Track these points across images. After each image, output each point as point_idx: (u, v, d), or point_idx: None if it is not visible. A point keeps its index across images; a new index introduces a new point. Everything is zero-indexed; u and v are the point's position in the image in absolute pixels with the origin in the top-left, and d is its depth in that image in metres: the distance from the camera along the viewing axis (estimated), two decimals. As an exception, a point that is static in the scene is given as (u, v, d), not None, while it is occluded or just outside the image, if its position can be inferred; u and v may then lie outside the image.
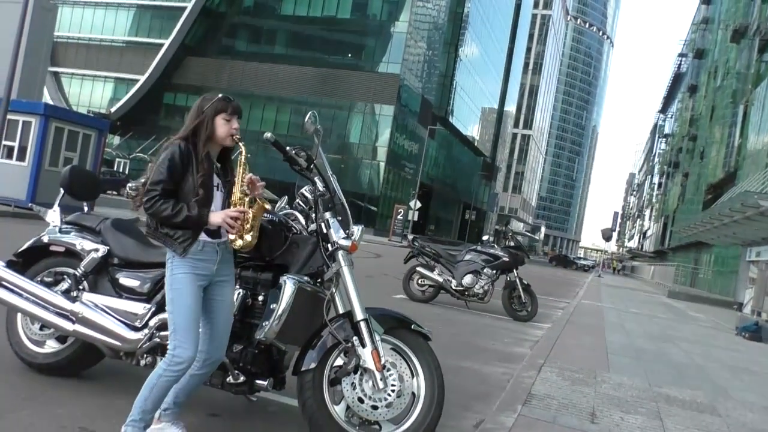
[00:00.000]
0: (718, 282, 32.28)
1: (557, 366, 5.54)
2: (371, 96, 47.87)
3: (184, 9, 51.42)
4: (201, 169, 2.59)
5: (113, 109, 51.99)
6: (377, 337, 2.92)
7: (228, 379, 2.98)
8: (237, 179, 2.68)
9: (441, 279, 9.64)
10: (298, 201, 3.43)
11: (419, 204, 42.06)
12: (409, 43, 48.90)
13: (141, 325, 3.14)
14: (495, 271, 9.60)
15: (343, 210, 3.12)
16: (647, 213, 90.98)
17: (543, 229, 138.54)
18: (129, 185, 26.83)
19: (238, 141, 2.69)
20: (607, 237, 46.77)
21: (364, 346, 2.89)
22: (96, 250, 3.44)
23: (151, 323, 3.10)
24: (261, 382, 3.01)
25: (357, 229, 3.12)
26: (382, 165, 48.01)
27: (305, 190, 3.35)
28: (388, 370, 2.93)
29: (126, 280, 3.34)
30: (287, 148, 3.04)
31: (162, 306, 2.95)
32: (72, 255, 3.52)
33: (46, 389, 3.28)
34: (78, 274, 3.43)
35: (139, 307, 3.20)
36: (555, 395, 4.43)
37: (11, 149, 14.84)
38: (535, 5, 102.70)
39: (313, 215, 3.15)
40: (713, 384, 6.02)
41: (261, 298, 3.04)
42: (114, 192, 32.61)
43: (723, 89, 40.72)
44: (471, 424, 3.83)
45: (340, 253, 2.99)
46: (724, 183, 35.63)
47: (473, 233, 66.09)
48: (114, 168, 45.00)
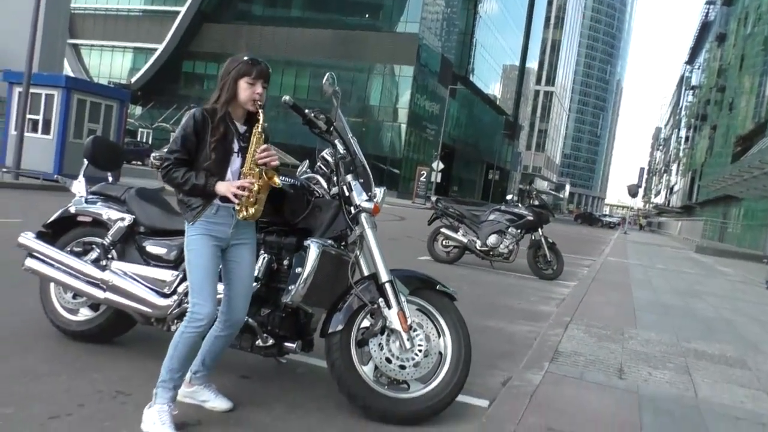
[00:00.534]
0: (747, 236, 31.74)
1: (584, 323, 5.53)
2: (390, 57, 47.23)
3: (198, -25, 50.86)
4: (215, 133, 2.57)
5: (133, 80, 52.17)
6: (403, 298, 2.93)
7: (257, 343, 3.03)
8: (250, 149, 2.63)
9: (465, 240, 9.62)
10: (319, 164, 3.42)
11: (442, 165, 41.76)
12: (427, 1, 47.90)
13: (170, 292, 3.20)
14: (519, 231, 9.55)
15: (365, 172, 3.10)
16: (674, 168, 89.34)
17: (567, 187, 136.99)
18: (153, 155, 27.00)
19: (258, 108, 2.63)
20: (633, 193, 46.09)
21: (390, 307, 2.90)
22: (122, 219, 3.49)
23: (180, 289, 3.15)
24: (289, 344, 3.05)
25: (379, 191, 3.11)
26: (403, 127, 47.64)
27: (326, 153, 3.33)
28: (414, 330, 2.95)
29: (153, 247, 3.38)
30: (306, 111, 3.01)
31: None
32: (99, 225, 3.57)
33: (81, 355, 3.37)
34: (106, 243, 3.49)
35: (167, 274, 3.25)
36: (582, 352, 4.43)
37: (36, 123, 15.02)
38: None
39: (335, 178, 3.13)
40: (742, 338, 5.97)
41: (286, 262, 3.06)
42: (138, 162, 32.91)
43: (753, 37, 39.28)
44: (498, 381, 3.86)
45: (363, 216, 2.98)
46: (753, 135, 34.69)
47: (497, 193, 65.63)
48: (137, 138, 45.32)
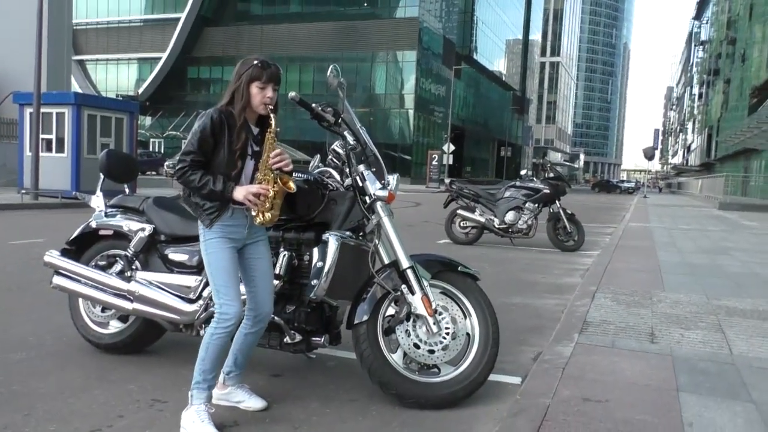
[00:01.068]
0: (770, 188, 31.21)
1: (611, 291, 5.49)
2: (392, 44, 46.96)
3: (195, -21, 50.88)
4: (238, 140, 2.57)
5: (140, 90, 52.45)
6: (425, 283, 2.93)
7: (285, 340, 3.05)
8: (264, 154, 2.62)
9: (483, 219, 9.59)
10: (330, 158, 3.42)
11: (453, 147, 41.57)
12: (425, -17, 47.48)
13: (195, 297, 3.23)
14: (537, 205, 9.49)
15: (377, 161, 3.09)
16: (689, 126, 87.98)
17: (582, 157, 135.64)
18: (167, 163, 27.24)
19: (270, 112, 2.61)
20: (649, 156, 45.57)
21: (413, 293, 2.90)
22: (142, 229, 3.52)
23: (205, 293, 3.18)
24: (317, 339, 3.07)
25: (392, 179, 3.10)
26: (410, 112, 47.43)
27: (336, 145, 3.33)
28: (440, 313, 2.95)
29: (175, 255, 3.42)
30: (313, 105, 3.00)
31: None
32: (121, 237, 3.62)
33: (115, 367, 3.42)
34: (129, 254, 3.53)
35: (191, 280, 3.28)
36: (611, 320, 4.40)
37: (49, 142, 15.20)
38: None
39: (347, 170, 3.13)
40: (774, 292, 5.89)
41: (306, 257, 3.07)
42: (153, 172, 33.21)
43: (761, -16, 38.38)
44: (529, 357, 3.85)
45: (378, 205, 2.98)
46: (769, 84, 33.99)
47: (510, 169, 65.21)
48: (150, 149, 45.67)
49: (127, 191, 3.94)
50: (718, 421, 2.64)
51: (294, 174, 3.15)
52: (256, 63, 2.58)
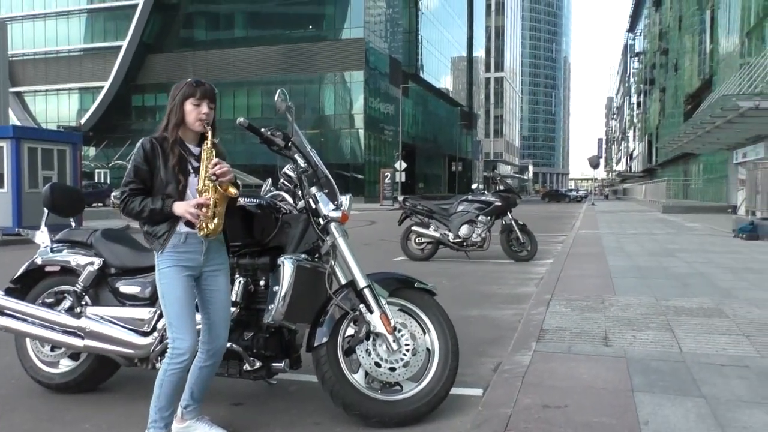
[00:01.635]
0: (709, 189, 32.61)
1: (564, 298, 5.62)
2: (339, 64, 47.24)
3: (135, 6, 50.12)
4: (171, 158, 2.58)
5: (83, 121, 51.06)
6: (383, 301, 2.95)
7: (245, 367, 3.01)
8: (201, 166, 2.61)
9: (438, 234, 9.69)
10: (282, 181, 3.42)
11: (405, 164, 41.92)
12: (368, 5, 48.05)
13: (149, 330, 3.16)
14: (489, 217, 9.65)
15: (328, 182, 3.11)
16: (631, 134, 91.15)
17: (531, 168, 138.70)
18: (113, 194, 26.65)
19: (205, 126, 2.62)
20: (595, 164, 46.95)
21: (371, 312, 2.91)
22: (91, 263, 3.43)
23: (159, 326, 3.11)
24: (277, 364, 3.04)
25: (345, 199, 3.12)
26: (361, 132, 47.67)
27: (288, 168, 3.34)
28: (399, 331, 2.97)
29: (126, 287, 3.34)
30: (262, 129, 3.01)
31: (167, 308, 2.96)
32: (69, 272, 3.51)
33: (68, 407, 3.31)
34: (78, 290, 3.43)
35: (145, 312, 3.21)
36: (567, 326, 4.50)
37: (-12, 178, 14.63)
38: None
39: (300, 192, 3.13)
40: (718, 288, 6.14)
41: (262, 282, 3.05)
42: (100, 203, 32.32)
43: (687, -2, 40.35)
44: (489, 368, 3.90)
45: (332, 226, 2.99)
46: (701, 91, 35.66)
47: (462, 184, 66.11)
48: (95, 180, 44.49)
49: (74, 225, 3.83)
50: (671, 419, 2.73)
51: (246, 199, 3.14)
52: (189, 81, 2.63)
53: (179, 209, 2.53)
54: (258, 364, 3.01)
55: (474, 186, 10.57)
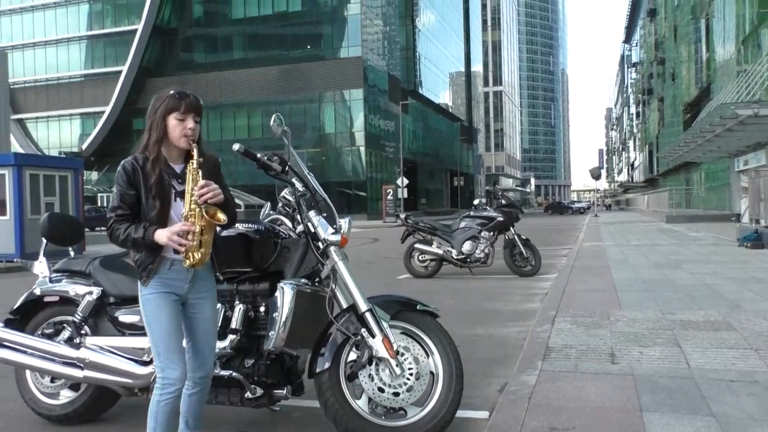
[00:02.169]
0: (712, 198, 32.52)
1: (570, 314, 5.56)
2: (338, 83, 47.51)
3: (135, 32, 50.62)
4: (150, 178, 2.39)
5: (84, 146, 51.44)
6: (385, 325, 2.90)
7: (246, 395, 2.97)
8: (187, 188, 2.40)
9: (441, 251, 9.65)
10: (281, 205, 3.40)
11: (406, 181, 41.98)
12: (365, 24, 48.45)
13: (149, 359, 3.11)
14: (492, 233, 9.61)
15: (327, 206, 3.08)
16: (631, 144, 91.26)
17: (533, 181, 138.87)
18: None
19: (191, 143, 2.41)
20: (596, 176, 46.96)
21: (373, 336, 2.87)
22: (90, 293, 3.41)
23: (159, 355, 3.07)
24: (279, 391, 3.00)
25: (344, 222, 3.09)
26: (362, 149, 47.82)
27: (286, 192, 3.31)
28: (402, 354, 2.92)
29: (125, 316, 3.31)
30: (258, 155, 2.99)
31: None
32: (68, 302, 3.48)
33: (69, 440, 3.26)
34: (77, 320, 3.40)
35: (144, 341, 3.16)
36: (572, 344, 4.44)
37: (-10, 205, 14.66)
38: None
39: (299, 217, 3.11)
40: (724, 300, 6.07)
41: (263, 309, 3.02)
42: (103, 227, 32.36)
43: (681, 7, 40.62)
44: (495, 389, 3.84)
45: (332, 249, 2.96)
46: (699, 99, 35.75)
47: (464, 198, 66.14)
48: (98, 204, 44.61)
49: (72, 254, 3.81)
50: (682, 438, 2.67)
51: (245, 224, 3.12)
52: (172, 93, 2.42)
53: (161, 237, 2.33)
54: (260, 391, 2.97)
55: (476, 201, 10.54)
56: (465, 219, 9.86)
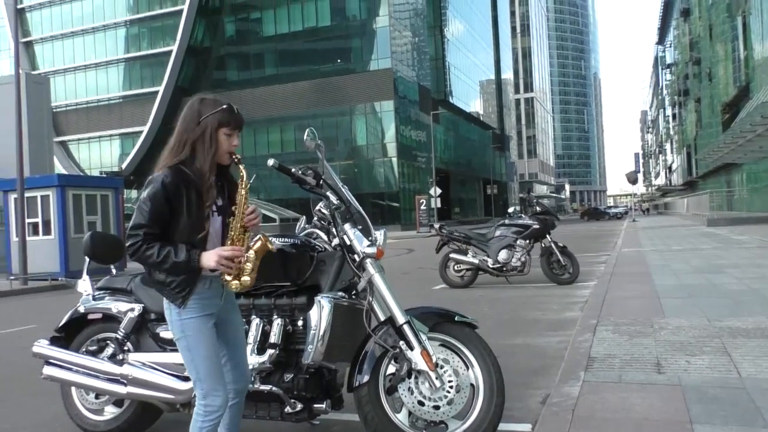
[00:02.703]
0: (755, 199, 31.56)
1: (611, 322, 5.44)
2: (369, 95, 47.79)
3: (170, 53, 51.92)
4: (208, 198, 2.27)
5: (124, 165, 52.78)
6: (423, 337, 2.87)
7: (286, 410, 2.97)
8: (238, 211, 2.32)
9: (476, 260, 9.56)
10: (316, 219, 3.41)
11: (439, 190, 41.89)
12: (394, 35, 48.69)
13: (191, 375, 3.15)
14: (528, 241, 9.49)
15: (362, 218, 3.08)
16: (668, 147, 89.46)
17: (567, 187, 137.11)
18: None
19: (237, 162, 2.35)
20: (633, 180, 46.15)
21: (412, 348, 2.84)
22: (132, 309, 3.46)
23: (200, 370, 3.09)
24: (319, 405, 2.99)
25: (380, 234, 3.08)
26: (394, 160, 47.91)
27: (321, 206, 3.33)
28: (441, 367, 2.88)
29: (166, 332, 3.34)
30: (292, 170, 3.01)
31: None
32: (110, 319, 3.55)
33: (114, 456, 3.30)
34: (120, 336, 3.45)
35: (185, 357, 3.20)
36: (616, 353, 4.33)
37: (36, 225, 15.14)
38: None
39: (334, 230, 3.11)
40: (774, 306, 5.86)
41: (300, 323, 3.02)
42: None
43: (716, 5, 39.79)
44: (537, 401, 3.77)
45: (368, 262, 2.94)
46: (738, 99, 34.85)
47: (498, 207, 65.61)
48: (137, 221, 45.57)
49: (114, 272, 3.89)
50: (736, 451, 2.56)
51: (281, 239, 3.14)
52: (224, 107, 2.32)
53: (209, 262, 2.23)
54: (299, 406, 2.96)
55: (510, 209, 10.44)
56: (500, 227, 9.77)
